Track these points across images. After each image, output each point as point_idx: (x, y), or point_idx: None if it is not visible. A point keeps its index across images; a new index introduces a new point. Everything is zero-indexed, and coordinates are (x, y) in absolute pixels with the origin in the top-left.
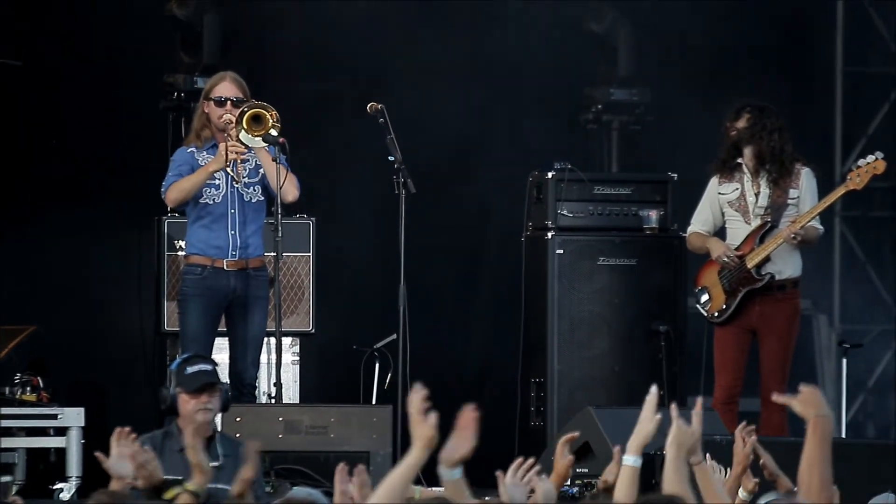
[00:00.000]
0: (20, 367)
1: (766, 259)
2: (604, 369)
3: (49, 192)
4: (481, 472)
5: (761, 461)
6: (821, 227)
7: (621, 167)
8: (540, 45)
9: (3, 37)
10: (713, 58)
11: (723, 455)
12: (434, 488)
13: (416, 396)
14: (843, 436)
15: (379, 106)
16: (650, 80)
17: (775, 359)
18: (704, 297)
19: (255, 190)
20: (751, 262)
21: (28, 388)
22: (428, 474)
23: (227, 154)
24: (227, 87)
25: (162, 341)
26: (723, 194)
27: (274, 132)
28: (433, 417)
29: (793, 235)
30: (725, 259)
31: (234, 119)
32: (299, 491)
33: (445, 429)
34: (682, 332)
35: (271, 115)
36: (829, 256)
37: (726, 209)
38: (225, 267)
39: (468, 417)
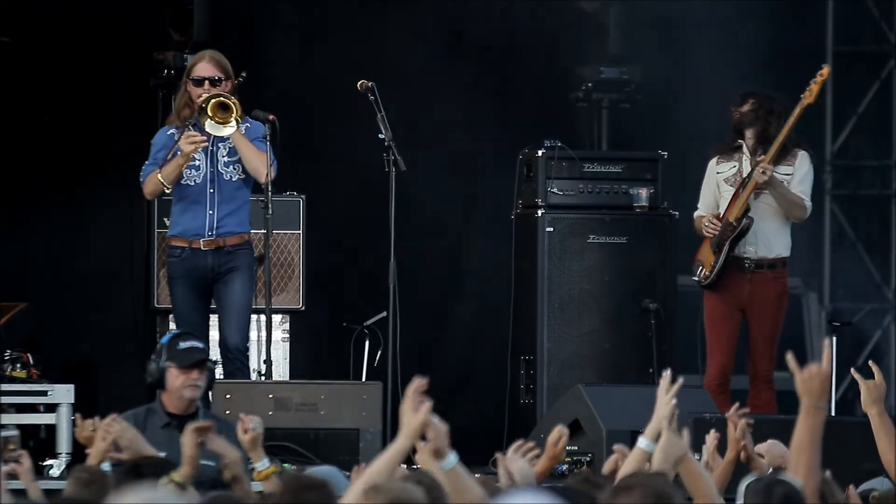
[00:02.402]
0: (10, 343)
1: (746, 210)
2: (594, 347)
3: (39, 169)
4: (472, 449)
5: (742, 442)
6: (809, 203)
7: (611, 145)
8: (530, 23)
9: None
10: (703, 36)
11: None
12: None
13: (414, 385)
14: (833, 414)
15: (369, 83)
16: (640, 58)
17: (764, 337)
18: (699, 269)
19: (234, 169)
20: (731, 216)
21: (18, 365)
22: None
23: (186, 147)
24: (205, 66)
25: (152, 318)
26: (720, 173)
27: (232, 126)
28: (426, 406)
29: (762, 170)
30: (706, 225)
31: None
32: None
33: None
34: (672, 310)
35: (234, 104)
36: (819, 235)
37: (722, 186)
38: (202, 247)
39: (422, 413)
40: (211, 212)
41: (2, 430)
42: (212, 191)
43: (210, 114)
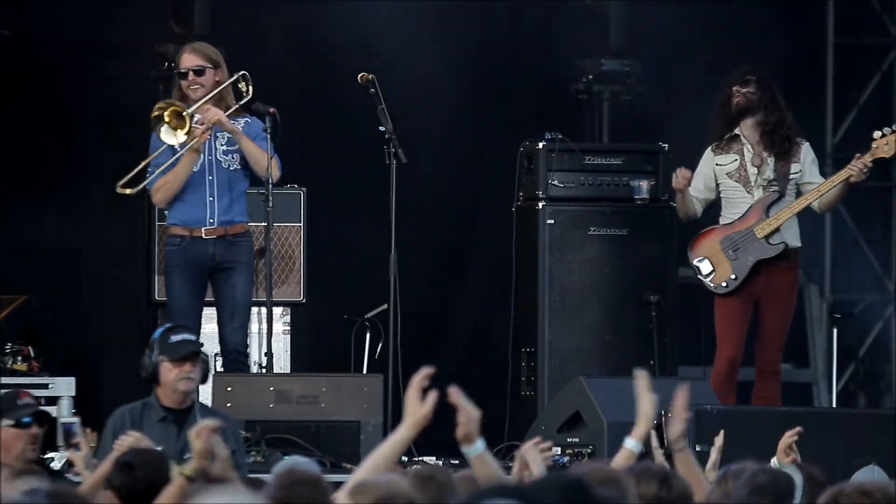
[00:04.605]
0: (11, 336)
1: (776, 229)
2: (594, 339)
3: (41, 162)
4: None
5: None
6: None
7: (612, 137)
8: (532, 15)
9: None
10: (704, 29)
11: (713, 426)
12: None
13: (419, 374)
14: (834, 406)
15: (370, 76)
16: (641, 50)
17: (776, 328)
18: (707, 267)
19: (233, 158)
20: (762, 232)
21: (19, 358)
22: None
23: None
24: (188, 58)
25: (154, 311)
26: (720, 165)
27: (183, 137)
28: (431, 397)
29: (864, 170)
30: (676, 176)
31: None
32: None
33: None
34: (672, 302)
35: (185, 114)
36: (820, 227)
37: (724, 180)
38: (203, 235)
39: (453, 396)
40: (211, 199)
41: (61, 419)
42: (210, 178)
43: (166, 120)
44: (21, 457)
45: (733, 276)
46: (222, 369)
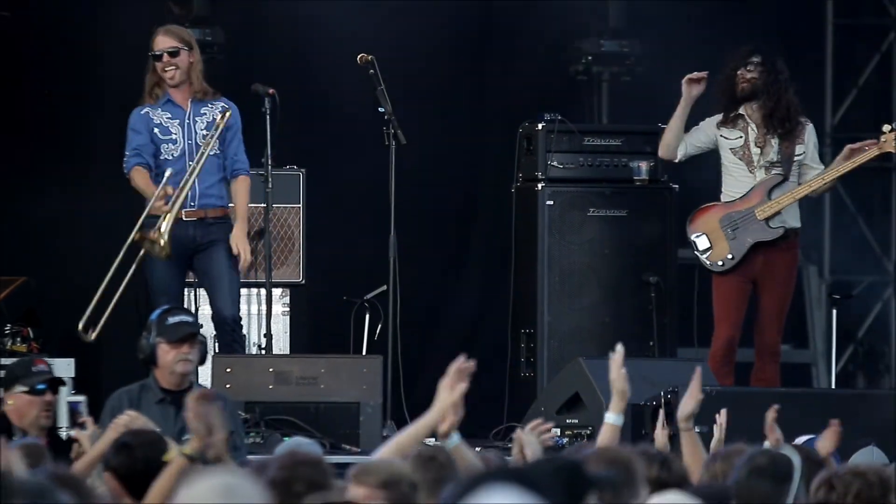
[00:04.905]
0: (11, 318)
1: (777, 212)
2: (594, 320)
3: (40, 143)
4: (472, 422)
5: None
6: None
7: (611, 118)
8: None
9: None
10: (703, 9)
11: (712, 407)
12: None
13: (457, 363)
14: (833, 386)
15: (369, 57)
16: (640, 31)
17: (775, 309)
18: (704, 244)
19: (213, 143)
20: (762, 214)
21: (18, 339)
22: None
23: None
24: (162, 39)
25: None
26: (726, 138)
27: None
28: (461, 388)
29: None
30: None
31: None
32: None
33: (430, 380)
34: (671, 283)
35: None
36: (819, 207)
37: (727, 154)
38: (184, 217)
39: (457, 370)
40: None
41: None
42: (191, 163)
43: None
44: (35, 423)
45: (730, 256)
46: (218, 346)
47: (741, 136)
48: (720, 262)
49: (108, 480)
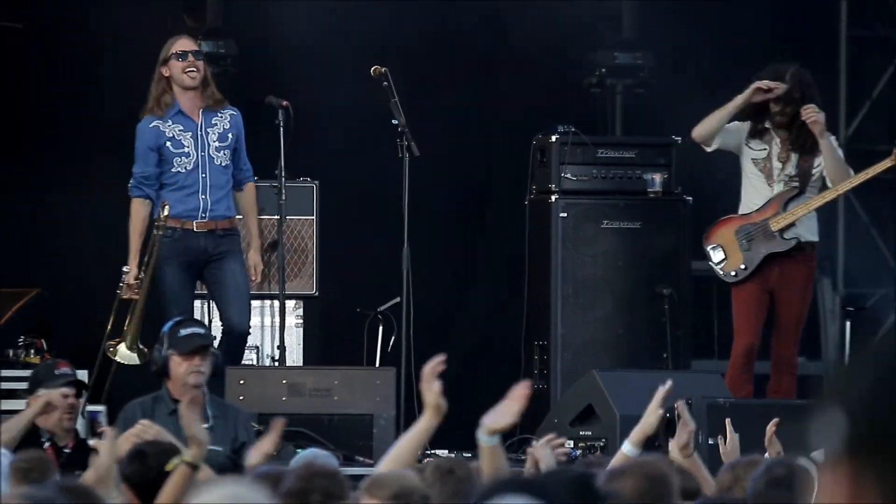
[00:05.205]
0: (24, 329)
1: (791, 224)
2: (607, 333)
3: (53, 154)
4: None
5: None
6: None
7: (625, 130)
8: (544, 8)
9: (4, 0)
10: (716, 21)
11: (724, 419)
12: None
13: (431, 363)
14: None
15: (383, 69)
16: (654, 43)
17: (792, 321)
18: (719, 255)
19: (224, 154)
20: (776, 226)
21: (32, 351)
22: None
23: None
24: (185, 42)
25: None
26: (751, 148)
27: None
28: (437, 385)
29: (813, 113)
30: (764, 85)
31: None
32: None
33: (449, 395)
34: (685, 295)
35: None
36: (833, 219)
37: (749, 165)
38: (195, 228)
39: (521, 392)
40: (203, 196)
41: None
42: (203, 175)
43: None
44: (58, 425)
45: (743, 266)
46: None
47: (765, 149)
48: (733, 273)
49: (123, 490)
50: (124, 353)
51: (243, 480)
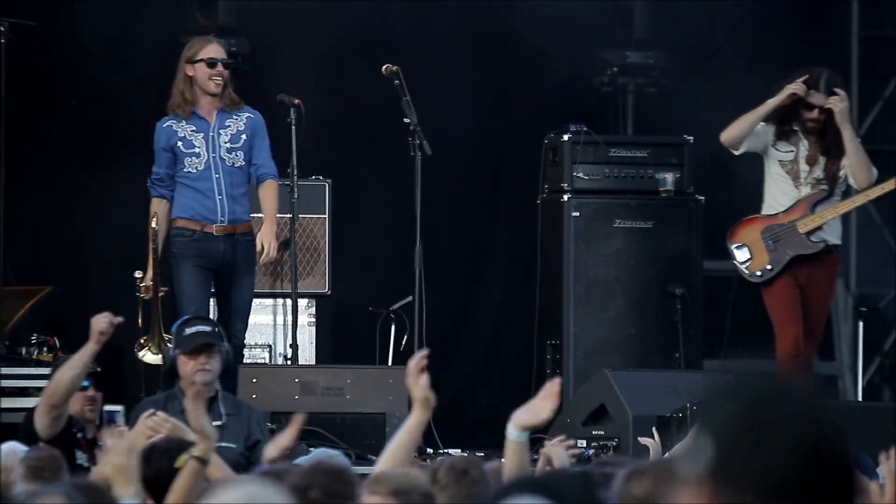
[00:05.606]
0: (36, 327)
1: (818, 227)
2: (619, 332)
3: (65, 154)
4: (497, 433)
5: None
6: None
7: (637, 130)
8: (556, 7)
9: None
10: (728, 20)
11: None
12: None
13: (415, 358)
14: (860, 399)
15: (394, 68)
16: (666, 42)
17: (815, 321)
18: (744, 255)
19: (237, 155)
20: (804, 228)
21: (44, 349)
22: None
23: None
24: (215, 49)
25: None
26: (777, 150)
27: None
28: (424, 378)
29: (840, 101)
30: (795, 87)
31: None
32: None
33: (461, 394)
34: (697, 295)
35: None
36: (845, 221)
37: (775, 167)
38: (214, 232)
39: (553, 390)
40: (220, 197)
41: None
42: (217, 176)
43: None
44: (80, 418)
45: (769, 267)
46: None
47: (792, 151)
48: (759, 273)
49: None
50: (152, 359)
51: (261, 480)
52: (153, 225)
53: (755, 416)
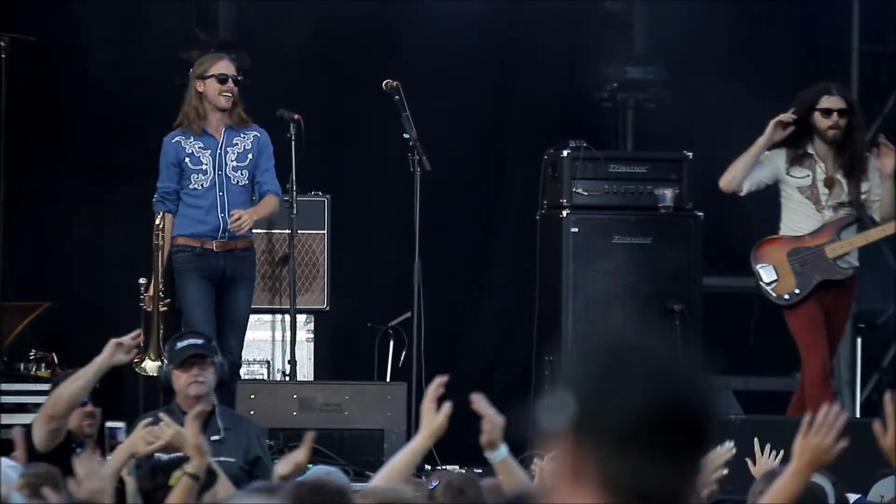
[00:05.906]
0: (35, 343)
1: (847, 253)
2: None
3: (65, 168)
4: None
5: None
6: None
7: (636, 145)
8: (555, 22)
9: (19, 13)
10: (728, 35)
11: (738, 436)
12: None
13: (434, 384)
14: (858, 415)
15: (394, 83)
16: (665, 57)
17: (834, 340)
18: (771, 275)
19: (242, 174)
20: (832, 253)
21: (43, 365)
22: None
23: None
24: (226, 65)
25: (178, 318)
26: (793, 177)
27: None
28: (447, 408)
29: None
30: (781, 116)
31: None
32: (319, 469)
33: (459, 409)
34: (696, 311)
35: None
36: None
37: (794, 192)
38: (214, 248)
39: (476, 403)
40: (222, 214)
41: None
42: (221, 194)
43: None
44: (79, 433)
45: (797, 291)
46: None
47: (808, 175)
48: (786, 296)
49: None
50: (151, 366)
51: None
52: (157, 241)
53: (609, 371)
